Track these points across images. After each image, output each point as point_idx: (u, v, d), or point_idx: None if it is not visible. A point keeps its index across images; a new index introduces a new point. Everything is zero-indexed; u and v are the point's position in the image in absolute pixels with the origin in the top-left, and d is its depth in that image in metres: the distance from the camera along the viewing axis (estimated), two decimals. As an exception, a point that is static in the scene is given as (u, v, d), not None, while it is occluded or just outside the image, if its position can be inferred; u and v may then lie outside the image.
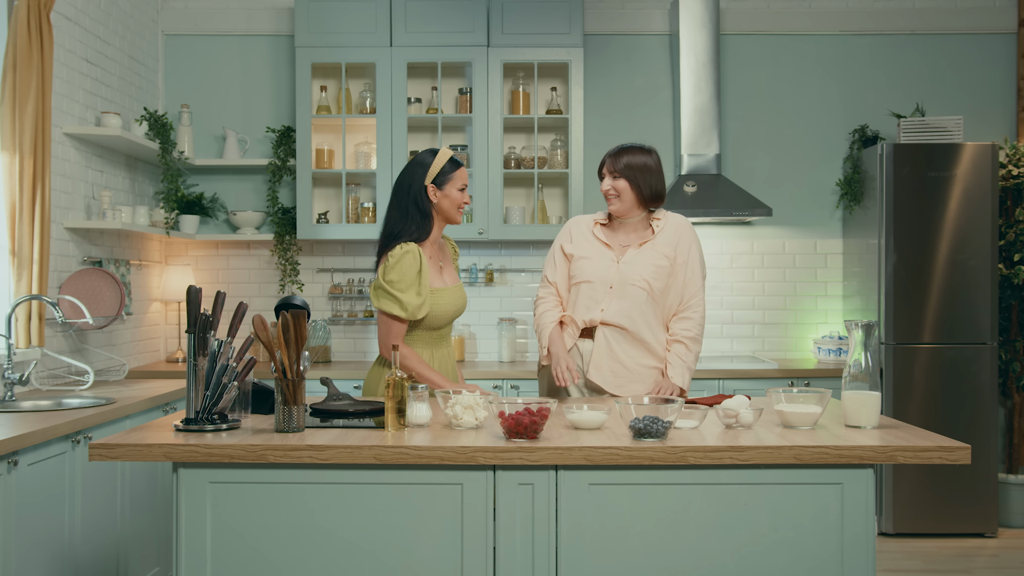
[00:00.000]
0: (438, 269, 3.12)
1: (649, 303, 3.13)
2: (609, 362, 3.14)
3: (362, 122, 5.11)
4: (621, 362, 3.13)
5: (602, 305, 3.14)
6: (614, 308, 3.13)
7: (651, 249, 3.16)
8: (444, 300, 3.07)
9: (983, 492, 4.75)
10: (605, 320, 3.13)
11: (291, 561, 2.29)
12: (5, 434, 2.69)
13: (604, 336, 3.14)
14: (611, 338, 3.14)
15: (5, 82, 3.58)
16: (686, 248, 3.17)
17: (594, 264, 3.18)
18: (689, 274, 3.17)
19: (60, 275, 4.04)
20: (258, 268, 5.28)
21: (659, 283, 3.13)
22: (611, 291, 3.14)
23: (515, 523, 2.29)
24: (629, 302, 3.12)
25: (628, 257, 3.16)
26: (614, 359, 3.14)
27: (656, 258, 3.14)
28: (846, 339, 5.00)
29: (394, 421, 2.42)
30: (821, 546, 2.29)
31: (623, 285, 3.13)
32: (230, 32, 5.26)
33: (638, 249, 3.17)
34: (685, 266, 3.16)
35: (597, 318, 3.14)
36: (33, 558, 2.84)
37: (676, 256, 3.16)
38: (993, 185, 4.77)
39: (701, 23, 5.07)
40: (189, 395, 2.43)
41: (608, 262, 3.17)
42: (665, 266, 3.14)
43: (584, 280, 3.17)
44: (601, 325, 3.14)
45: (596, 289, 3.15)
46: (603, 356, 3.14)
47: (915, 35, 5.32)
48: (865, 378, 2.47)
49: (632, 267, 3.14)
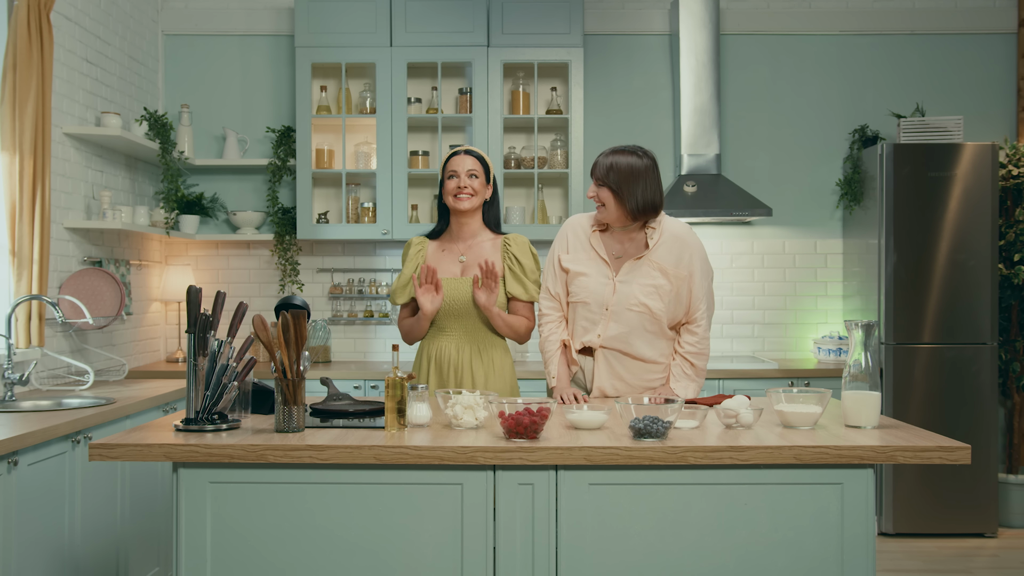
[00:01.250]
0: (453, 261, 3.17)
1: (648, 322, 3.00)
2: (611, 380, 3.07)
3: (362, 122, 5.11)
4: (623, 379, 3.07)
5: (598, 330, 3.02)
6: (610, 332, 3.01)
7: (647, 265, 2.99)
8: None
9: (983, 492, 4.75)
10: (604, 344, 3.03)
11: (291, 561, 2.29)
12: (5, 434, 2.69)
13: (604, 357, 3.06)
14: (611, 359, 3.05)
15: (5, 82, 3.58)
16: (687, 262, 2.99)
17: (591, 283, 3.02)
18: (694, 287, 3.00)
19: (60, 275, 4.04)
20: (258, 268, 5.28)
21: (657, 303, 2.98)
22: (607, 313, 3.00)
23: (515, 523, 2.29)
24: (626, 326, 3.00)
25: (624, 275, 3.01)
26: (616, 377, 3.07)
27: (653, 276, 2.98)
28: (846, 339, 5.00)
29: (394, 421, 2.42)
30: (821, 546, 2.29)
31: (619, 309, 2.99)
32: (230, 32, 5.26)
33: (635, 263, 3.00)
34: (688, 280, 2.99)
35: (595, 342, 3.03)
36: (33, 558, 2.84)
37: (676, 272, 2.98)
38: (993, 185, 4.77)
39: (701, 23, 5.07)
40: (189, 395, 2.43)
41: (604, 280, 3.02)
42: (663, 284, 2.97)
43: (580, 301, 3.04)
44: (601, 348, 3.04)
45: (592, 311, 3.02)
46: (604, 375, 3.07)
47: (915, 35, 5.32)
48: (865, 378, 2.47)
49: (628, 288, 2.99)
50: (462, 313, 3.11)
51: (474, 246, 3.17)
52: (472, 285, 3.08)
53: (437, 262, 3.16)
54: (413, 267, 3.16)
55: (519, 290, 3.14)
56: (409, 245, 3.22)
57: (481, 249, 3.16)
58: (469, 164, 3.11)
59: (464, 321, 3.13)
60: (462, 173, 3.10)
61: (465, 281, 3.11)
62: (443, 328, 3.15)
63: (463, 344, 3.15)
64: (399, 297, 3.21)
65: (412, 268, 3.16)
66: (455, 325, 3.14)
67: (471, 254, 3.16)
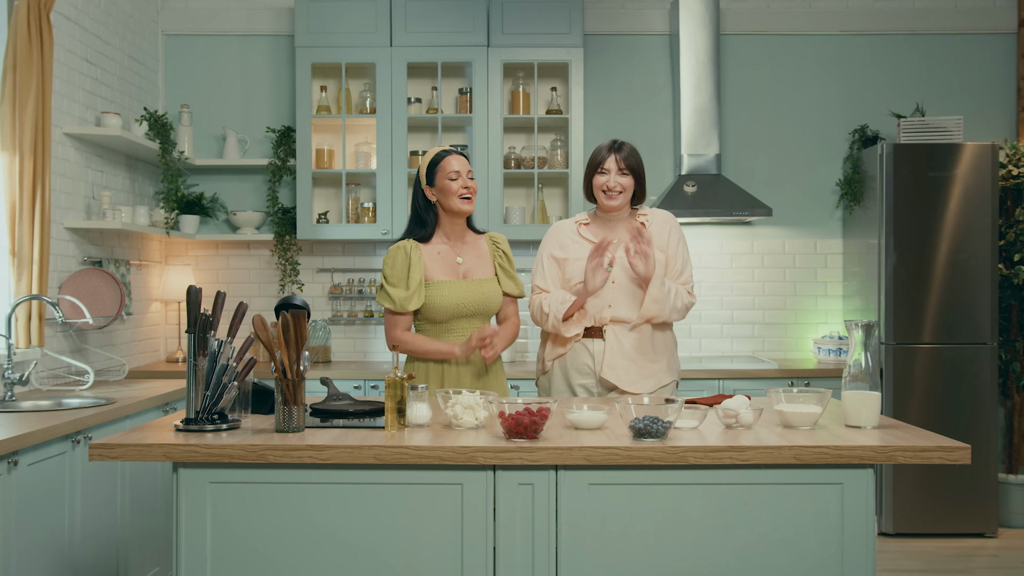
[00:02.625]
0: (452, 264, 3.12)
1: None
2: (622, 360, 3.13)
3: (362, 122, 5.11)
4: (633, 360, 3.14)
5: (608, 300, 3.13)
6: (621, 302, 3.12)
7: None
8: (444, 292, 3.05)
9: (983, 492, 4.75)
10: (615, 316, 3.12)
11: (291, 561, 2.29)
12: (5, 434, 2.69)
13: (615, 334, 3.14)
14: (621, 336, 3.14)
15: (5, 82, 3.58)
16: (676, 242, 3.20)
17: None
18: (680, 264, 3.20)
19: (60, 275, 4.04)
20: (258, 268, 5.28)
21: (658, 271, 3.12)
22: (614, 286, 3.13)
23: (515, 523, 2.29)
24: (631, 298, 3.12)
25: (623, 252, 3.14)
26: (626, 357, 3.14)
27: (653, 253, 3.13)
28: (846, 339, 5.00)
29: (394, 421, 2.42)
30: (821, 546, 2.29)
31: (625, 281, 3.13)
32: (230, 32, 5.26)
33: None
34: (675, 257, 3.19)
35: (607, 315, 3.13)
36: (33, 558, 2.84)
37: (668, 249, 3.18)
38: (993, 185, 4.77)
39: (701, 23, 5.07)
40: (189, 395, 2.43)
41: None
42: (661, 260, 3.14)
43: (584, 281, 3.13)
44: (611, 323, 3.14)
45: None
46: (615, 355, 3.13)
47: (915, 35, 5.32)
48: (865, 378, 2.47)
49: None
50: (469, 314, 3.10)
51: (466, 246, 3.18)
52: (624, 254, 3.11)
53: (437, 265, 3.10)
54: (419, 272, 3.05)
55: (514, 287, 3.21)
56: (402, 249, 3.07)
57: (474, 249, 3.18)
58: (468, 164, 3.13)
59: (471, 322, 3.12)
60: (464, 173, 3.09)
61: (469, 283, 3.10)
62: (450, 330, 3.12)
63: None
64: (412, 303, 3.03)
65: (419, 273, 3.05)
66: (460, 327, 3.11)
67: (466, 255, 3.16)
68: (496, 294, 3.14)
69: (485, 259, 3.18)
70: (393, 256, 3.08)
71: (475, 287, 3.10)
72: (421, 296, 3.05)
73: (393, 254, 3.08)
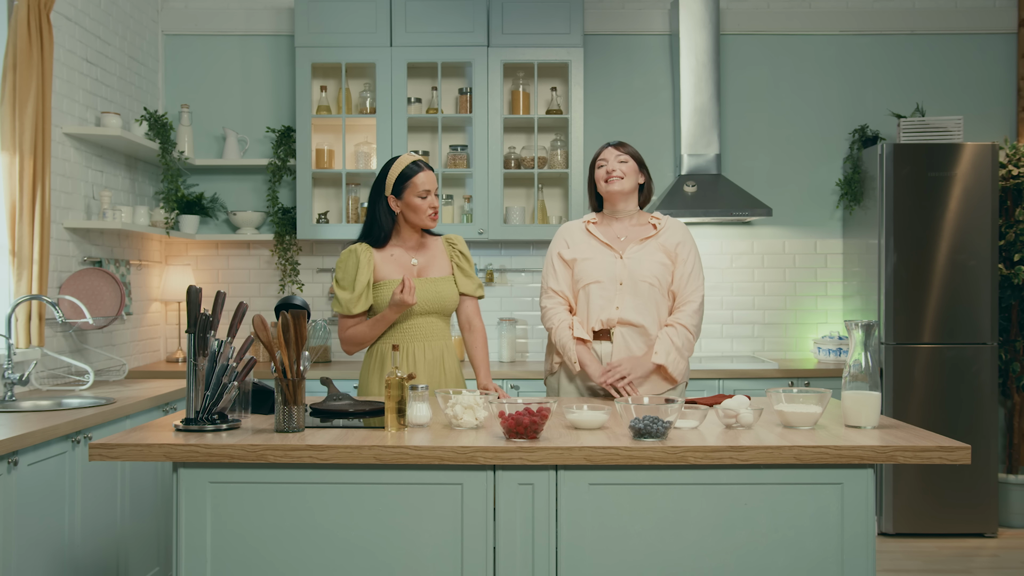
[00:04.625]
0: (406, 264, 3.19)
1: (660, 299, 3.14)
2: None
3: (362, 122, 5.11)
4: None
5: (616, 302, 3.12)
6: (628, 304, 3.11)
7: (654, 246, 3.16)
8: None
9: (983, 492, 4.75)
10: (623, 319, 3.11)
11: (291, 561, 2.29)
12: (5, 434, 2.69)
13: (622, 336, 3.13)
14: (628, 338, 3.12)
15: (5, 82, 3.58)
16: (687, 249, 3.17)
17: (599, 263, 3.15)
18: (689, 271, 3.16)
19: (60, 275, 4.04)
20: (258, 268, 5.28)
21: (666, 279, 3.14)
22: (622, 288, 3.13)
23: (515, 523, 2.29)
24: (641, 299, 3.12)
25: (632, 254, 3.15)
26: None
27: (660, 256, 3.14)
28: (846, 339, 5.00)
29: (394, 421, 2.42)
30: (821, 546, 2.29)
31: (633, 281, 3.12)
32: (230, 32, 5.26)
33: (640, 245, 3.16)
34: (684, 263, 3.15)
35: (614, 317, 3.12)
36: (33, 558, 2.84)
37: (677, 255, 3.16)
38: (993, 185, 4.77)
39: (701, 23, 5.07)
40: (189, 395, 2.43)
41: (612, 259, 3.15)
42: (668, 264, 3.14)
43: (593, 281, 3.14)
44: (619, 325, 3.13)
45: (606, 288, 3.13)
46: (622, 356, 3.13)
47: (915, 35, 5.32)
48: (865, 378, 2.47)
49: (639, 263, 3.13)
50: (424, 312, 3.17)
51: (421, 248, 3.25)
52: (632, 254, 3.14)
53: (389, 266, 3.17)
54: (367, 275, 3.12)
55: (471, 286, 3.27)
56: (354, 253, 3.14)
57: (430, 250, 3.26)
58: (435, 180, 3.21)
59: (427, 320, 3.18)
60: (433, 192, 3.18)
61: (423, 281, 3.17)
62: (407, 329, 3.17)
63: (415, 342, 3.17)
64: (357, 306, 3.11)
65: (366, 276, 3.12)
66: (418, 325, 3.18)
67: (421, 256, 3.23)
68: (452, 292, 3.22)
69: (441, 259, 3.26)
70: (345, 260, 3.15)
71: (429, 285, 3.17)
72: (368, 299, 3.13)
73: (345, 258, 3.15)
